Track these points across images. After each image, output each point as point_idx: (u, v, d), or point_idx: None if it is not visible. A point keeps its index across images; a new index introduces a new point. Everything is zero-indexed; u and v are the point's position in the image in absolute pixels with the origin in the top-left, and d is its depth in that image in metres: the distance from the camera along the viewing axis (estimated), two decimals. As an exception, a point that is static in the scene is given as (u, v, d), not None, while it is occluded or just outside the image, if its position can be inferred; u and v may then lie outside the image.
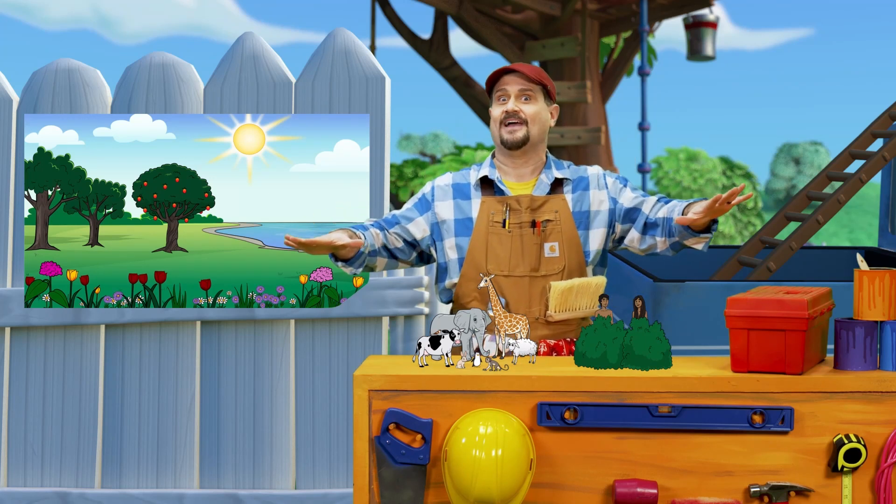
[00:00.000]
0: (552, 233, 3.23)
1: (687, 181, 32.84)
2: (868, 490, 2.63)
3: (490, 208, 3.26)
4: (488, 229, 3.24)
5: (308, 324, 4.28)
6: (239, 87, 4.29)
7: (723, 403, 2.62)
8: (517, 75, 3.25)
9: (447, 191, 3.34)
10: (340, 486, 4.29)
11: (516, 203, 3.24)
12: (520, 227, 3.23)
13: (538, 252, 3.22)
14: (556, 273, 3.22)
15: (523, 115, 3.24)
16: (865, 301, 2.65)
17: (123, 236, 4.26)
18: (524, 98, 3.25)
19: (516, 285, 3.21)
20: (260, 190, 4.23)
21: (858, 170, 5.06)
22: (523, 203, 3.24)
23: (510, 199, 3.25)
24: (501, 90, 3.26)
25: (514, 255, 3.22)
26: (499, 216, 3.24)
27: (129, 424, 4.31)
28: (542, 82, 3.27)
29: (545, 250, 3.22)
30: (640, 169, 14.34)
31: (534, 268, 3.22)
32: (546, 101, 3.30)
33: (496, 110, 3.27)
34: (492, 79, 3.28)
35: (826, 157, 53.89)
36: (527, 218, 3.24)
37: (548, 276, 3.21)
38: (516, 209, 3.24)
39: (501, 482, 2.51)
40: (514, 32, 16.15)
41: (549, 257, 3.22)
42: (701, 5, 16.34)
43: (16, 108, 4.33)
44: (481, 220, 3.26)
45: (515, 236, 3.23)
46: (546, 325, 3.20)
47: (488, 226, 3.25)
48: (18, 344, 4.32)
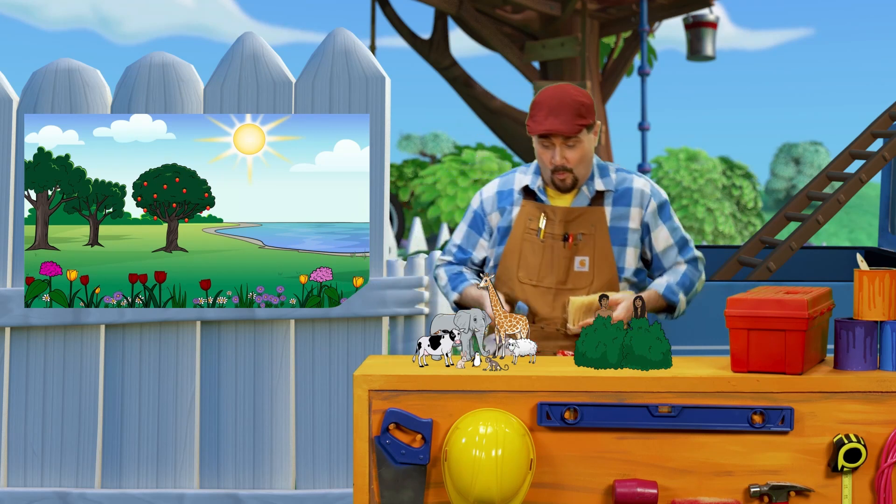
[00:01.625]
0: (584, 247, 3.23)
1: (687, 181, 32.84)
2: (868, 490, 2.63)
3: (528, 214, 3.28)
4: (523, 236, 3.27)
5: (308, 324, 4.28)
6: (239, 87, 4.29)
7: (723, 403, 2.62)
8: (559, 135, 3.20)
9: (493, 200, 3.36)
10: (340, 486, 4.29)
11: (552, 213, 3.25)
12: (552, 239, 3.24)
13: (567, 266, 3.23)
14: (583, 288, 3.23)
15: (569, 165, 3.22)
16: (865, 301, 2.65)
17: (123, 236, 4.26)
18: (569, 145, 3.22)
19: (543, 296, 3.24)
20: (260, 190, 4.23)
21: (858, 170, 5.06)
22: (559, 215, 3.25)
23: (547, 209, 3.26)
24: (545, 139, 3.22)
25: (543, 266, 3.24)
26: (535, 223, 3.26)
27: (129, 424, 4.31)
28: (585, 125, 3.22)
29: (575, 264, 3.23)
30: (640, 169, 14.33)
31: (561, 281, 3.23)
32: (588, 133, 3.26)
33: (543, 155, 3.24)
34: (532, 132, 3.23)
35: (826, 157, 53.90)
36: (559, 231, 3.24)
37: (575, 290, 3.23)
38: (552, 219, 3.25)
39: (501, 482, 2.51)
40: (514, 32, 16.14)
41: (577, 272, 3.23)
42: (701, 5, 16.33)
43: (16, 108, 4.33)
44: (518, 226, 3.28)
45: (547, 247, 3.24)
46: (566, 337, 3.24)
47: (524, 232, 3.27)
48: (18, 344, 4.32)
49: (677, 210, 32.78)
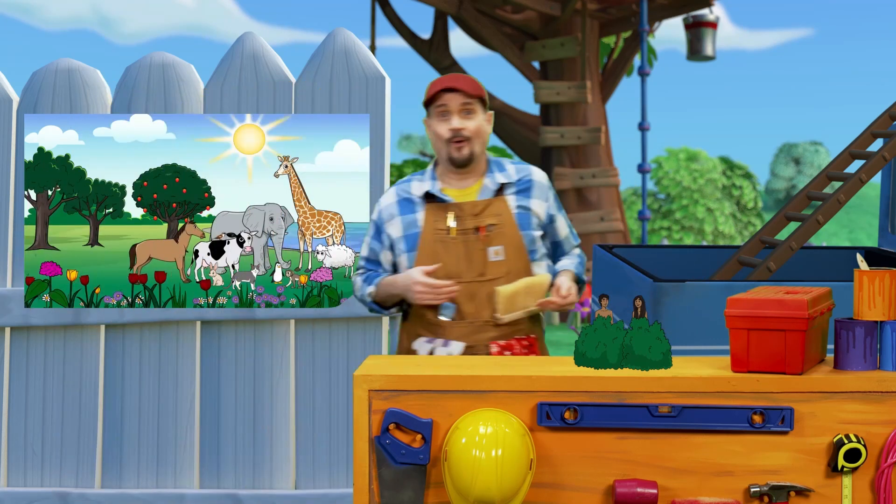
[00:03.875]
0: (496, 236, 3.29)
1: (687, 181, 32.84)
2: (868, 490, 2.63)
3: (434, 216, 3.31)
4: (434, 237, 3.30)
5: (308, 324, 4.28)
6: (239, 87, 4.29)
7: (723, 403, 2.62)
8: (457, 92, 3.28)
9: (392, 209, 3.38)
10: (340, 486, 4.29)
11: (459, 210, 3.30)
12: (464, 234, 3.29)
13: (483, 257, 3.28)
14: (501, 276, 3.28)
15: (467, 133, 3.28)
16: (865, 301, 2.65)
17: (123, 236, 4.26)
18: (465, 113, 3.29)
19: (465, 290, 3.26)
20: (260, 190, 4.23)
21: (858, 170, 5.05)
22: (466, 209, 3.30)
23: (453, 207, 3.30)
24: (442, 106, 3.28)
25: (460, 262, 3.27)
26: (442, 223, 3.29)
27: (129, 424, 4.31)
28: (480, 96, 3.30)
29: (490, 254, 3.28)
30: (640, 169, 14.33)
31: (480, 273, 3.27)
32: (483, 112, 3.35)
33: (440, 127, 3.30)
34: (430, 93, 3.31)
35: (826, 157, 53.90)
36: (470, 224, 3.29)
37: (494, 279, 3.27)
38: (460, 216, 3.30)
39: (501, 482, 2.51)
40: (514, 32, 16.14)
41: (494, 261, 3.28)
42: (701, 5, 16.33)
43: (16, 108, 4.33)
44: (427, 230, 3.31)
45: (460, 242, 3.28)
46: (495, 328, 3.27)
47: (434, 234, 3.30)
48: (18, 344, 4.32)
49: (677, 210, 32.80)
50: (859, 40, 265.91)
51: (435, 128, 3.32)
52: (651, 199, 33.06)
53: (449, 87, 3.27)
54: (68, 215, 4.27)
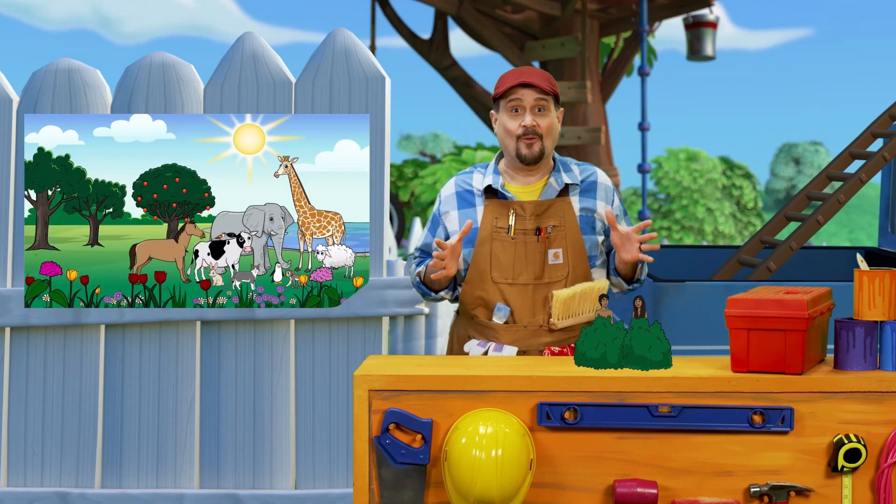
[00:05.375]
0: (556, 238, 3.19)
1: (687, 181, 32.84)
2: (868, 490, 2.63)
3: (494, 213, 3.22)
4: (492, 235, 3.20)
5: (308, 324, 4.28)
6: (239, 87, 4.29)
7: (723, 403, 2.62)
8: (532, 88, 3.18)
9: (451, 201, 3.30)
10: (340, 486, 4.29)
11: (521, 209, 3.20)
12: (524, 234, 3.19)
13: (542, 260, 3.18)
14: (559, 280, 3.19)
15: (540, 130, 3.18)
16: (865, 301, 2.65)
17: (123, 236, 4.26)
18: (538, 110, 3.19)
19: (520, 293, 3.18)
20: (260, 190, 4.23)
21: (858, 170, 5.05)
22: (528, 209, 3.20)
23: (514, 205, 3.21)
24: (516, 100, 3.18)
25: (517, 263, 3.18)
26: (502, 221, 3.20)
27: (129, 424, 4.31)
28: (555, 92, 3.21)
29: (549, 257, 3.18)
30: (640, 169, 14.32)
31: (537, 276, 3.18)
32: (555, 109, 3.25)
33: (511, 123, 3.19)
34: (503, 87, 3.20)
35: (826, 157, 53.91)
36: (531, 225, 3.19)
37: (552, 283, 3.18)
38: (521, 215, 3.20)
39: (501, 482, 2.51)
40: (514, 32, 16.14)
41: (552, 264, 3.18)
42: (701, 5, 16.32)
43: (16, 108, 4.34)
44: (485, 227, 3.22)
45: (519, 243, 3.19)
46: (550, 333, 3.19)
47: (492, 232, 3.21)
48: (18, 344, 4.32)
49: (677, 210, 32.81)
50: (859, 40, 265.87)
51: (505, 122, 3.20)
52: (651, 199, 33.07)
53: (524, 83, 3.17)
54: (68, 215, 4.27)
